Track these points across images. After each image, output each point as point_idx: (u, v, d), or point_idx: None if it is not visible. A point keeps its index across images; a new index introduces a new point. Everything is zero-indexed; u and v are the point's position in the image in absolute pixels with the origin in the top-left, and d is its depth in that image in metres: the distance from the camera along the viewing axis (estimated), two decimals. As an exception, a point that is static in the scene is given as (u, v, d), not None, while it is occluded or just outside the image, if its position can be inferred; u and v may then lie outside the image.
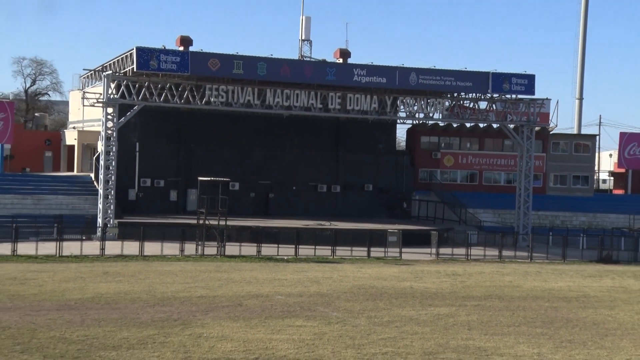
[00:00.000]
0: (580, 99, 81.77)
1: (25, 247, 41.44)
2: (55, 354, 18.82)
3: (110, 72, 50.88)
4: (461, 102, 55.97)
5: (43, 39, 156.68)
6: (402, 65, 52.33)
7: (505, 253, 48.37)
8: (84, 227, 47.51)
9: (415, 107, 55.15)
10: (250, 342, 20.66)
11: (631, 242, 53.56)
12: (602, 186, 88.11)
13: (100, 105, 49.52)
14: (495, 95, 55.03)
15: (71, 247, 41.79)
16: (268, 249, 44.55)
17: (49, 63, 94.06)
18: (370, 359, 19.14)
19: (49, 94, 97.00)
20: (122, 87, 49.21)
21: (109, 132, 49.19)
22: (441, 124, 64.28)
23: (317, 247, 45.52)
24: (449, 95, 55.49)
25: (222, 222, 44.94)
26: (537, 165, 62.47)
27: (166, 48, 48.39)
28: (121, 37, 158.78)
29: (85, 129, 64.15)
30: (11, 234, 42.29)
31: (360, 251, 45.84)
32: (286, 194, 60.38)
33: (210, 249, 44.00)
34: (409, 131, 68.93)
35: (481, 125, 63.89)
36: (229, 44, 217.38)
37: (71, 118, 71.86)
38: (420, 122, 61.93)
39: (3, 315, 23.60)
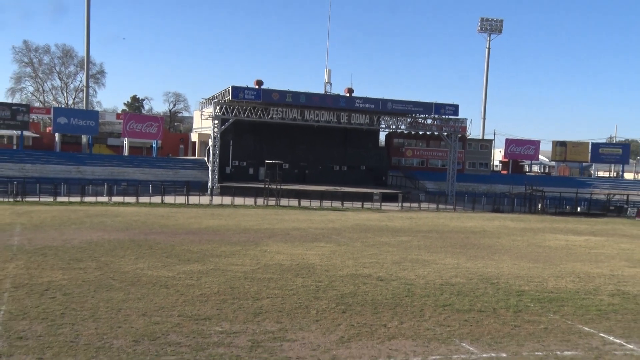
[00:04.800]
0: (484, 119, 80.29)
1: (168, 199, 41.92)
2: (185, 258, 19.05)
3: (216, 100, 50.82)
4: (416, 119, 55.39)
5: (179, 78, 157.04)
6: (383, 97, 51.74)
7: (440, 206, 48.17)
8: (200, 188, 47.85)
9: (390, 122, 54.76)
10: (294, 255, 20.77)
11: (510, 201, 53.30)
12: (495, 169, 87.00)
13: (211, 119, 49.59)
14: (436, 116, 54.37)
15: (193, 199, 42.24)
16: (305, 202, 44.68)
17: (183, 95, 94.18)
18: (362, 265, 19.20)
19: (182, 112, 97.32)
20: (223, 108, 49.15)
21: (215, 134, 49.25)
22: (405, 131, 63.69)
23: (333, 201, 45.60)
24: (410, 115, 54.94)
25: (279, 187, 45.15)
26: (459, 156, 61.73)
27: (248, 86, 48.36)
28: (220, 77, 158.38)
29: (202, 132, 64.26)
30: (161, 191, 42.82)
31: (357, 204, 45.81)
32: (315, 171, 60.05)
33: (272, 202, 44.20)
34: (386, 136, 68.31)
35: (428, 133, 63.26)
36: (285, 84, 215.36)
37: (194, 126, 71.88)
38: (393, 130, 61.40)
39: (156, 237, 23.91)
